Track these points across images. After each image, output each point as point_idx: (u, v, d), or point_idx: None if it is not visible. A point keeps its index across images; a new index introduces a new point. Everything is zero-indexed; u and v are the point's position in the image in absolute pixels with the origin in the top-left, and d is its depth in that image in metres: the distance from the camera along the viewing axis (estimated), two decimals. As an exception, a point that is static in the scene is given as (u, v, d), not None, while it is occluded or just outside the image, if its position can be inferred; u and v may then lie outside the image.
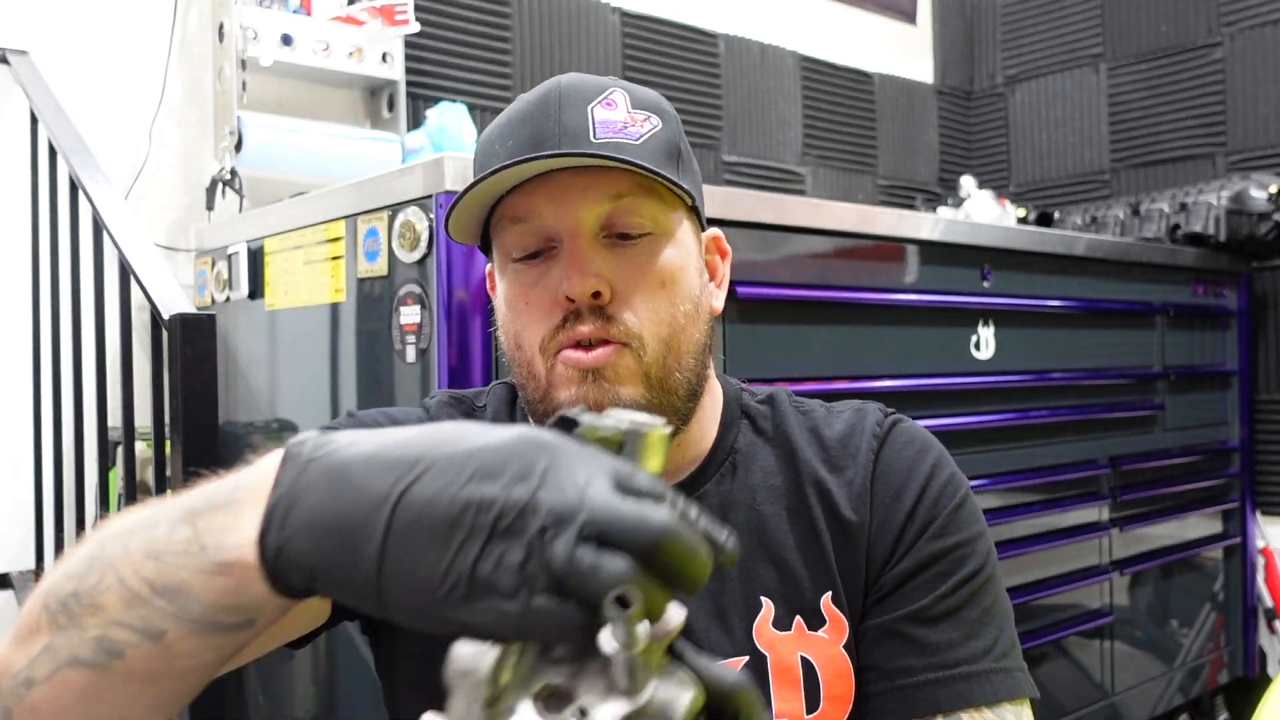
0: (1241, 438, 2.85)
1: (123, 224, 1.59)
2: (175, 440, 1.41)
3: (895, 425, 0.87)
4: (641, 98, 0.81)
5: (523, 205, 0.78)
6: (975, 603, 0.80)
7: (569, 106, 0.77)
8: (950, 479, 0.84)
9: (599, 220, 0.77)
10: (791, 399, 0.91)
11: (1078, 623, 2.28)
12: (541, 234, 0.78)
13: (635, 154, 0.75)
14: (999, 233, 2.21)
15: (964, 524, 0.82)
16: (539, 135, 0.77)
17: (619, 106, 0.78)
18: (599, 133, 0.76)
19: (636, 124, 0.78)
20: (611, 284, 0.76)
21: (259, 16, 2.12)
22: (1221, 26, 3.13)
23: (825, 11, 3.41)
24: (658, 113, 0.80)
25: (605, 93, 0.79)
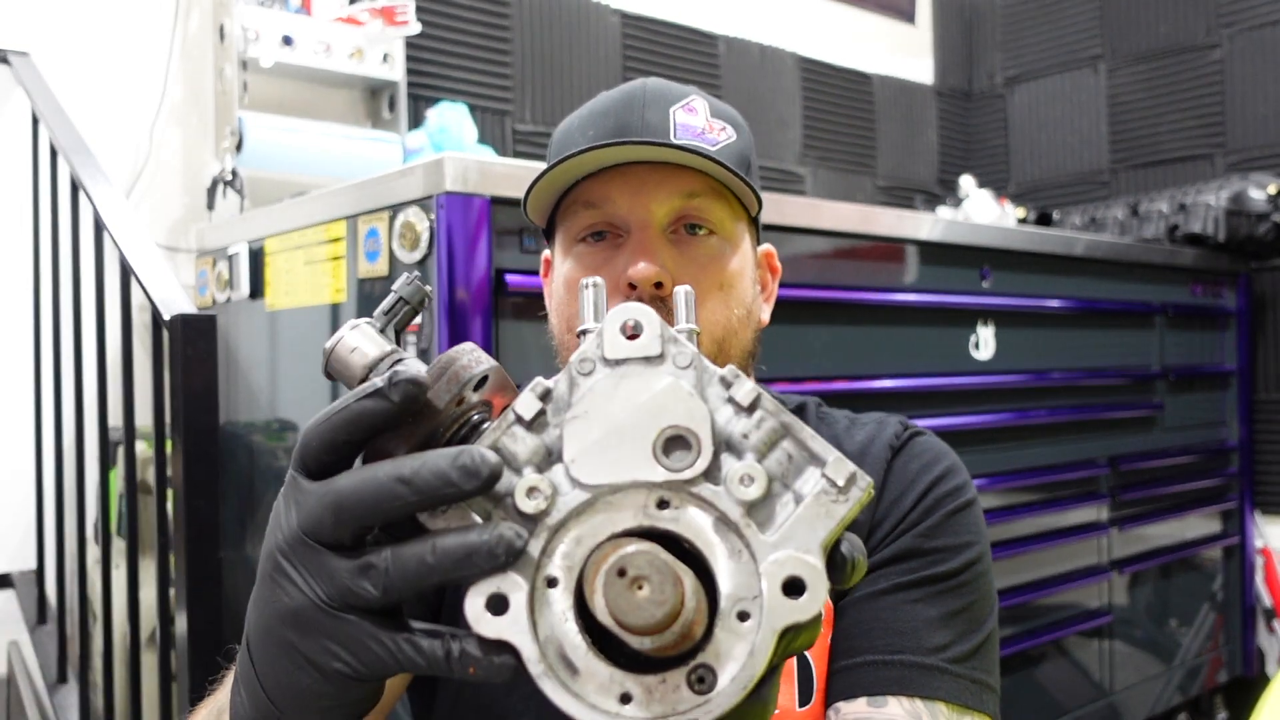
0: (1240, 438, 2.86)
1: (123, 224, 1.60)
2: (176, 440, 1.42)
3: (913, 438, 0.87)
4: (720, 109, 0.83)
5: (598, 191, 0.79)
6: (940, 602, 0.77)
7: (652, 105, 0.80)
8: (955, 488, 0.83)
9: (670, 215, 0.79)
10: (819, 409, 0.91)
11: (1077, 622, 2.28)
12: (611, 221, 0.80)
13: (713, 157, 0.77)
14: (998, 233, 2.22)
15: (954, 531, 0.81)
16: (623, 127, 0.79)
17: (699, 113, 0.81)
18: (679, 134, 0.79)
19: (714, 132, 0.80)
20: (674, 277, 0.77)
21: (260, 17, 2.13)
22: (1221, 27, 3.14)
23: (824, 12, 3.41)
24: (734, 125, 0.83)
25: (687, 99, 0.82)
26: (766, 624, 0.37)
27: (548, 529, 0.39)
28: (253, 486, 1.83)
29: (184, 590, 1.38)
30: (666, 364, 0.40)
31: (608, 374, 0.40)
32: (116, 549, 1.80)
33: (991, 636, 0.80)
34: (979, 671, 0.77)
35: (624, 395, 0.40)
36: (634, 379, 0.40)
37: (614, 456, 0.39)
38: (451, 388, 0.43)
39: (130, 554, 1.57)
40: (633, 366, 0.40)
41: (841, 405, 0.93)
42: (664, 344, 0.40)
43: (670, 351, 0.40)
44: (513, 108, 2.67)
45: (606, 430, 0.39)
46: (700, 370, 0.40)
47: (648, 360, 0.40)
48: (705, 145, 0.78)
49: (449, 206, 1.34)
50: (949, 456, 0.86)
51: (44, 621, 1.95)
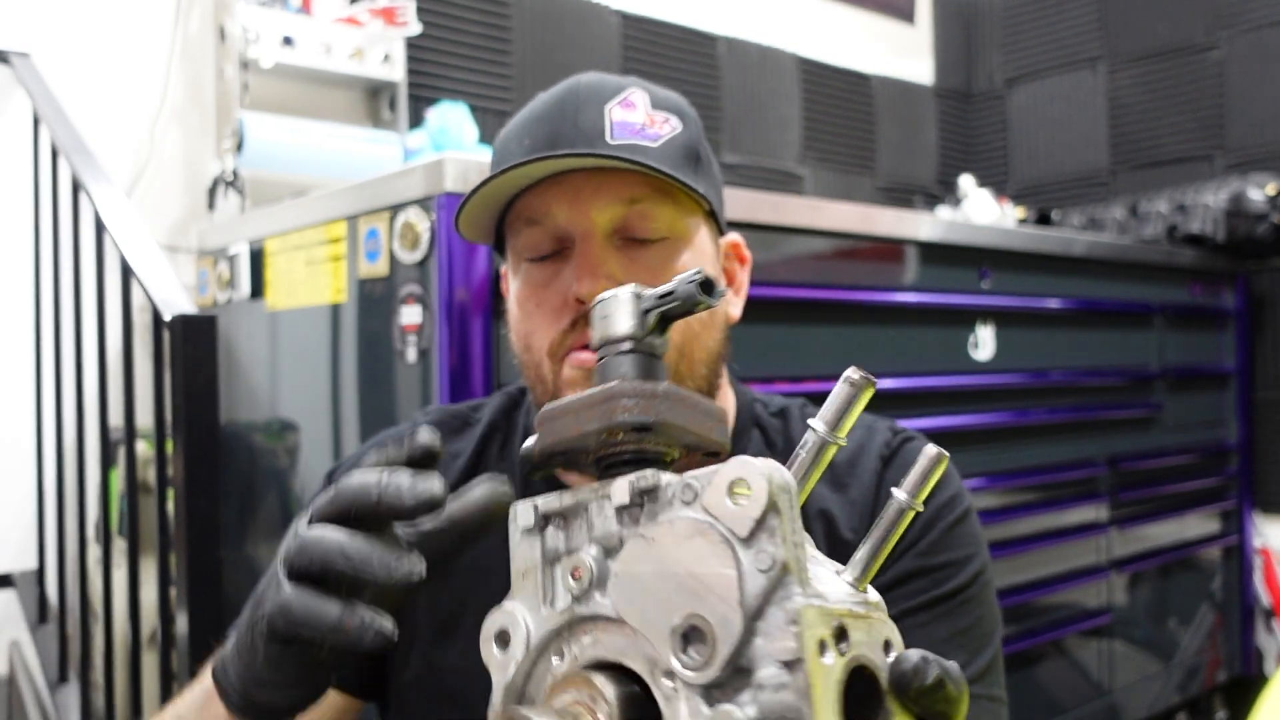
0: (1239, 438, 2.86)
1: (124, 224, 1.60)
2: (177, 440, 1.42)
3: (904, 445, 0.84)
4: (662, 99, 0.79)
5: (536, 206, 0.77)
6: (948, 621, 0.76)
7: (586, 106, 0.76)
8: (951, 499, 0.81)
9: (613, 223, 0.76)
10: (804, 411, 0.89)
11: (1076, 622, 2.28)
12: (555, 235, 0.77)
13: (652, 156, 0.74)
14: (997, 233, 2.22)
15: (955, 544, 0.79)
16: (555, 135, 0.76)
17: (638, 107, 0.77)
18: (616, 134, 0.75)
19: (655, 125, 0.76)
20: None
21: (260, 18, 2.13)
22: (1220, 27, 3.14)
23: (824, 13, 3.41)
24: (678, 114, 0.78)
25: (624, 93, 0.77)
26: None
27: (574, 615, 0.40)
28: (253, 486, 1.83)
29: (184, 590, 1.38)
30: (749, 553, 0.36)
31: (690, 521, 0.37)
32: (117, 549, 1.80)
33: (999, 646, 0.79)
34: (994, 687, 0.77)
35: (688, 554, 0.37)
36: (706, 545, 0.36)
37: (648, 602, 0.37)
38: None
39: (131, 554, 1.57)
40: (715, 533, 0.36)
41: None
42: (757, 529, 0.36)
43: (761, 542, 0.35)
44: (513, 108, 2.67)
45: (656, 573, 0.37)
46: (775, 582, 0.35)
47: (734, 536, 0.36)
48: (645, 141, 0.75)
49: (449, 207, 1.34)
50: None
51: (45, 621, 1.96)
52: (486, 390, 1.34)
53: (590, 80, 0.79)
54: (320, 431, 1.63)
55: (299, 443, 1.70)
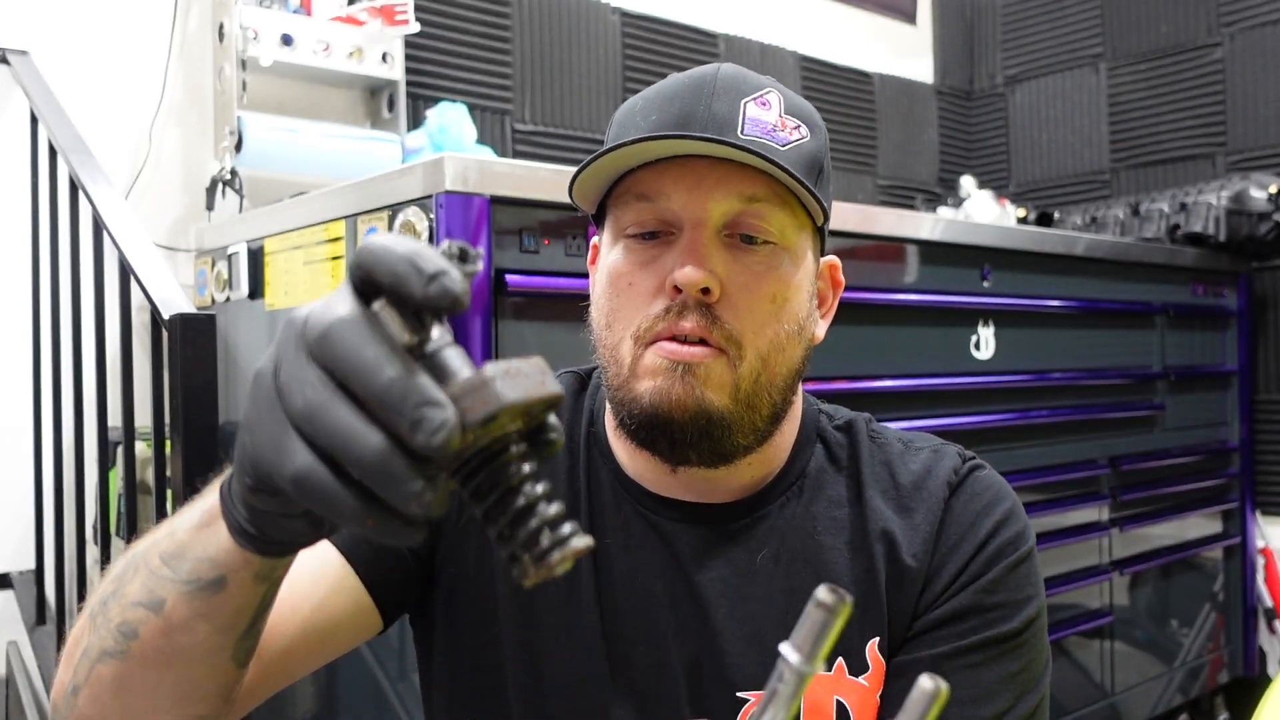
0: (1241, 438, 2.85)
1: (123, 224, 1.59)
2: (175, 440, 1.41)
3: (971, 473, 0.83)
4: (796, 105, 0.77)
5: (651, 183, 0.74)
6: (999, 664, 0.75)
7: (723, 95, 0.74)
8: (1015, 537, 0.79)
9: (725, 217, 0.74)
10: (870, 427, 0.87)
11: (1078, 623, 2.28)
12: (664, 217, 0.75)
13: (780, 159, 0.72)
14: (999, 233, 2.21)
15: (1014, 585, 0.78)
16: (686, 116, 0.73)
17: (773, 108, 0.75)
18: (748, 129, 0.73)
19: (786, 130, 0.74)
20: (724, 284, 0.72)
21: (259, 17, 2.12)
22: (1221, 26, 3.13)
23: (825, 11, 3.41)
24: (809, 124, 0.76)
25: (761, 91, 0.76)
26: None
27: None
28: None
29: (183, 591, 1.38)
30: None
31: None
32: (116, 549, 1.80)
33: (1046, 692, 0.78)
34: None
35: None
36: None
37: None
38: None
39: (129, 554, 1.56)
40: None
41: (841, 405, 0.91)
42: None
43: None
44: (513, 107, 2.66)
45: None
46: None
47: None
48: (774, 143, 0.73)
49: (449, 206, 1.34)
50: (1008, 497, 0.82)
51: (43, 622, 1.95)
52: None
53: (730, 71, 0.77)
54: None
55: (298, 443, 1.69)
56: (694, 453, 0.74)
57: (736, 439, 0.74)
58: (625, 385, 0.75)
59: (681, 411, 0.72)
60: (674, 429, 0.73)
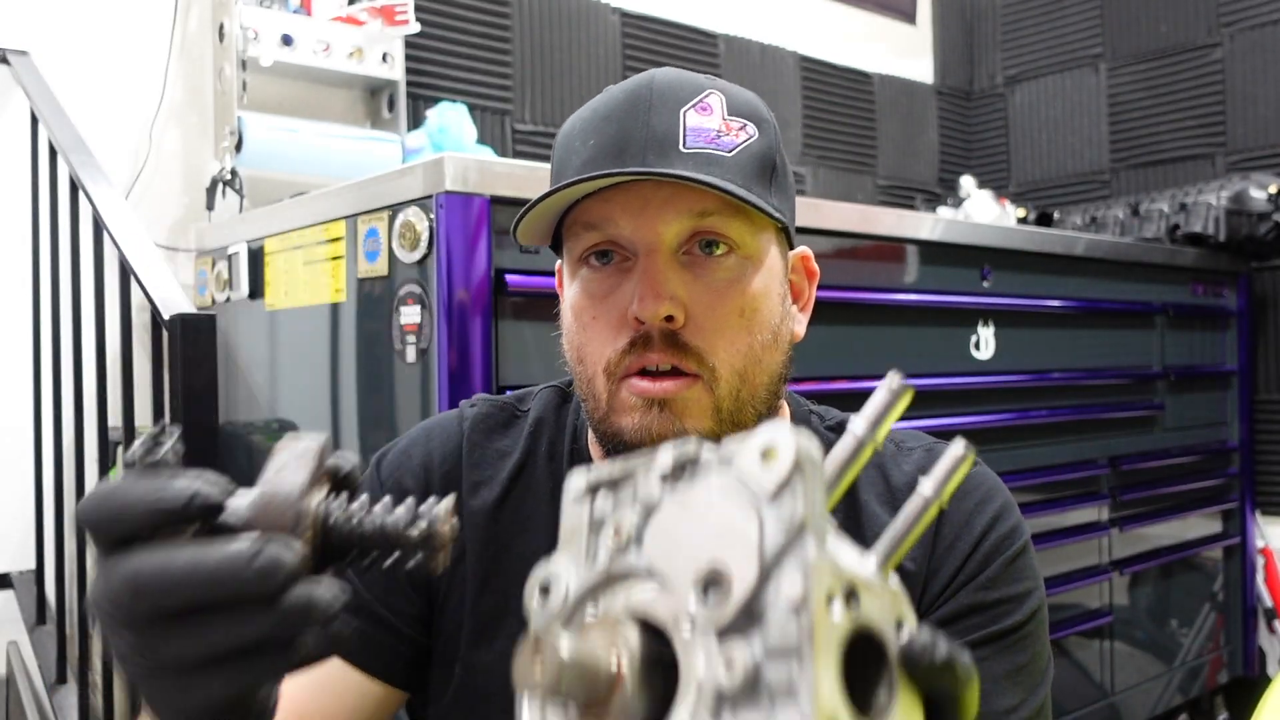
0: (1241, 438, 2.85)
1: (123, 224, 1.59)
2: (175, 440, 1.41)
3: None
4: (739, 103, 0.74)
5: (598, 212, 0.73)
6: (1006, 658, 0.74)
7: (660, 108, 0.72)
8: (1010, 531, 0.78)
9: (679, 237, 0.72)
10: None
11: (1078, 622, 2.28)
12: (617, 242, 0.73)
13: (726, 168, 0.71)
14: (998, 233, 2.21)
15: (1013, 579, 0.77)
16: (624, 138, 0.71)
17: (714, 112, 0.73)
18: (689, 141, 0.71)
19: (731, 133, 0.72)
20: (687, 307, 0.70)
21: (259, 17, 2.12)
22: (1221, 27, 3.13)
23: (825, 12, 3.41)
24: (755, 120, 0.74)
25: (701, 96, 0.73)
26: None
27: (612, 572, 0.42)
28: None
29: (183, 591, 1.38)
30: (772, 511, 0.38)
31: (723, 483, 0.40)
32: (116, 549, 1.80)
33: (1049, 701, 0.78)
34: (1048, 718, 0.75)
35: (718, 513, 0.39)
36: (734, 504, 0.39)
37: (676, 554, 0.40)
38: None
39: (129, 554, 1.56)
40: (744, 493, 0.39)
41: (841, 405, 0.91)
42: (780, 490, 0.38)
43: (783, 501, 0.38)
44: (513, 107, 2.67)
45: (687, 529, 0.40)
46: (792, 538, 0.37)
47: (760, 495, 0.39)
48: (719, 150, 0.71)
49: (449, 206, 1.34)
50: (1001, 493, 0.81)
51: (43, 622, 1.95)
52: (486, 389, 1.33)
53: (667, 78, 0.74)
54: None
55: (298, 443, 1.69)
56: None
57: None
58: (605, 420, 0.73)
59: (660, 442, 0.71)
60: None
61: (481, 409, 0.87)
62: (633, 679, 0.38)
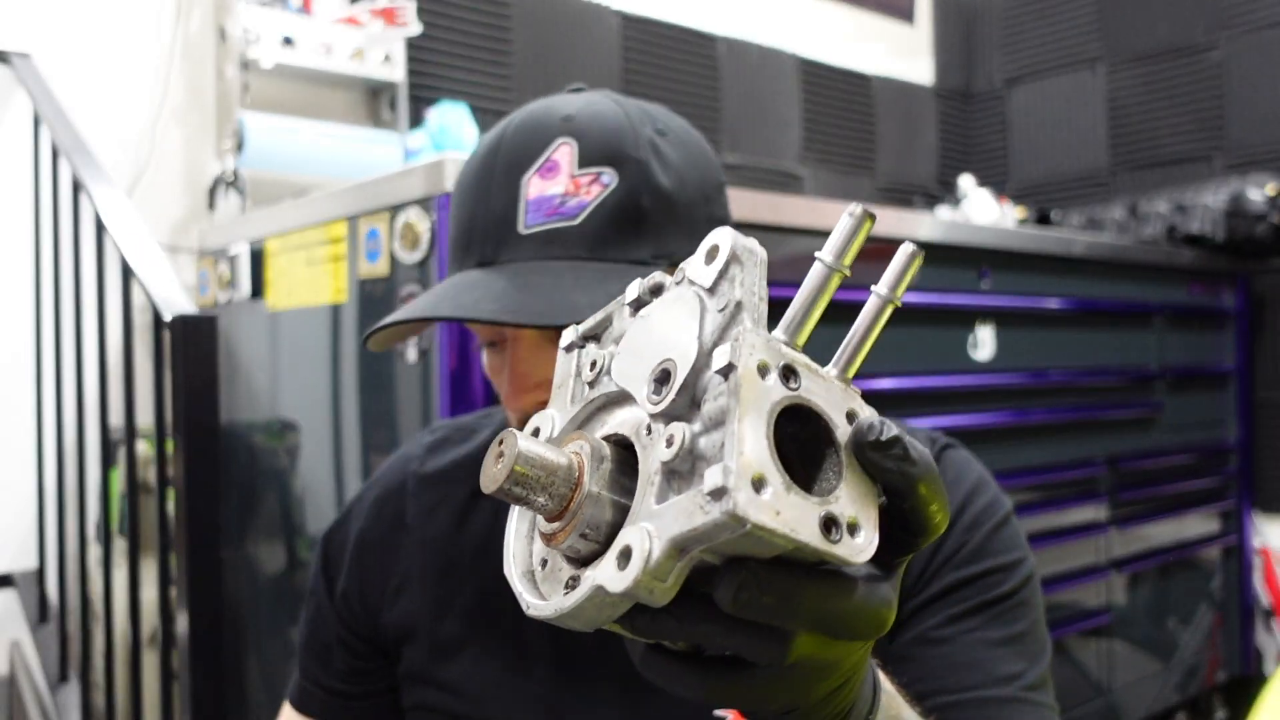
0: (1239, 438, 2.86)
1: (125, 224, 1.60)
2: (177, 440, 1.42)
3: (941, 455, 0.79)
4: (595, 147, 0.68)
5: None
6: (1001, 626, 0.71)
7: (501, 178, 0.68)
8: (989, 504, 0.76)
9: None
10: None
11: (1076, 621, 2.28)
12: (489, 327, 0.70)
13: (569, 241, 0.66)
14: (997, 233, 2.22)
15: (1000, 549, 0.74)
16: (469, 225, 0.69)
17: (561, 171, 0.67)
18: (529, 218, 0.66)
19: (580, 191, 0.66)
20: None
21: (260, 18, 2.13)
22: (1220, 28, 3.14)
23: (824, 13, 3.41)
24: (614, 163, 0.67)
25: (549, 151, 0.68)
26: (589, 578, 0.38)
27: (590, 403, 0.44)
28: (253, 486, 1.83)
29: (185, 590, 1.39)
30: (712, 300, 0.40)
31: (675, 293, 0.42)
32: (118, 549, 1.81)
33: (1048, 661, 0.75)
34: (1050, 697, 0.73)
35: (669, 318, 0.42)
36: (680, 306, 0.41)
37: (636, 365, 0.42)
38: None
39: (131, 554, 1.57)
40: (688, 293, 0.41)
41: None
42: (719, 279, 0.40)
43: (721, 288, 0.40)
44: (513, 108, 2.66)
45: (644, 342, 0.42)
46: (730, 319, 0.39)
47: (704, 289, 0.41)
48: (562, 221, 0.66)
49: (449, 207, 1.34)
50: (975, 470, 0.79)
51: (46, 621, 1.96)
52: (487, 389, 1.34)
53: (514, 136, 0.70)
54: (320, 431, 1.63)
55: (299, 443, 1.70)
56: None
57: None
58: None
59: None
60: None
61: (439, 434, 0.88)
62: (594, 476, 0.40)
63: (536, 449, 0.40)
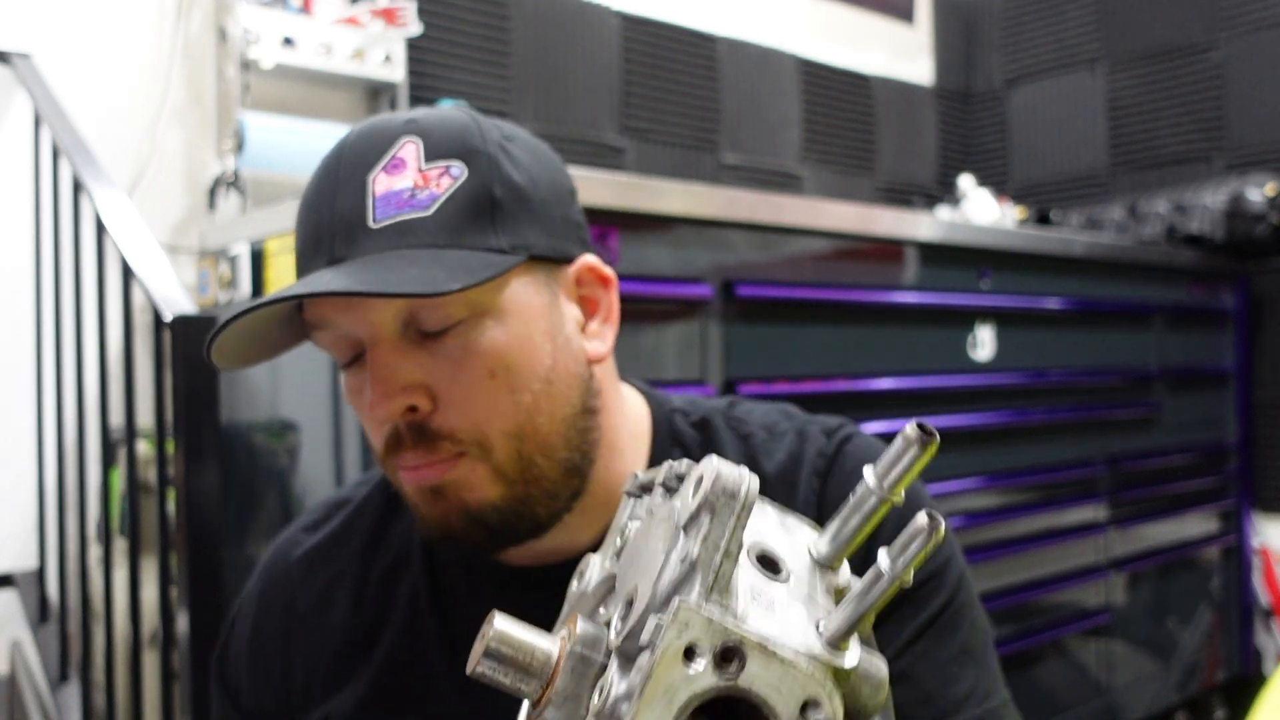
0: (1238, 438, 2.86)
1: (125, 224, 1.60)
2: (177, 440, 1.42)
3: (839, 451, 0.75)
4: (441, 141, 0.66)
5: (314, 313, 0.66)
6: (949, 640, 0.70)
7: (347, 181, 0.66)
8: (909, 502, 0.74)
9: (399, 319, 0.64)
10: (729, 419, 0.78)
11: (1075, 621, 2.28)
12: (347, 340, 0.66)
13: (424, 231, 0.63)
14: (997, 234, 2.22)
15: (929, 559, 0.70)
16: (316, 230, 0.66)
17: (408, 166, 0.65)
18: (379, 214, 0.63)
19: (429, 184, 0.64)
20: (430, 388, 0.64)
21: (261, 19, 2.13)
22: (1220, 28, 3.14)
23: (823, 13, 3.42)
24: (462, 156, 0.65)
25: (392, 150, 0.65)
26: None
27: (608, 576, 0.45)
28: (254, 486, 1.83)
29: (185, 590, 1.39)
30: (681, 544, 0.37)
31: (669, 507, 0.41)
32: (118, 548, 1.81)
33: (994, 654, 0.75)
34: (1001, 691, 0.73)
35: (655, 534, 0.41)
36: (664, 528, 0.40)
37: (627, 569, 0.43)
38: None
39: (132, 553, 1.57)
40: (669, 522, 0.40)
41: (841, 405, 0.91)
42: (690, 523, 0.37)
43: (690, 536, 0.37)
44: (513, 108, 2.67)
45: (638, 548, 0.43)
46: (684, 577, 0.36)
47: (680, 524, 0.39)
48: (415, 211, 0.63)
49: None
50: None
51: (46, 621, 1.96)
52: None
53: (358, 138, 0.68)
54: (320, 431, 1.63)
55: (299, 443, 1.70)
56: (503, 543, 0.68)
57: (537, 514, 0.67)
58: (410, 504, 0.69)
59: (456, 527, 0.66)
60: (463, 541, 0.67)
61: (315, 515, 0.83)
62: (568, 667, 0.38)
63: (512, 633, 0.38)
